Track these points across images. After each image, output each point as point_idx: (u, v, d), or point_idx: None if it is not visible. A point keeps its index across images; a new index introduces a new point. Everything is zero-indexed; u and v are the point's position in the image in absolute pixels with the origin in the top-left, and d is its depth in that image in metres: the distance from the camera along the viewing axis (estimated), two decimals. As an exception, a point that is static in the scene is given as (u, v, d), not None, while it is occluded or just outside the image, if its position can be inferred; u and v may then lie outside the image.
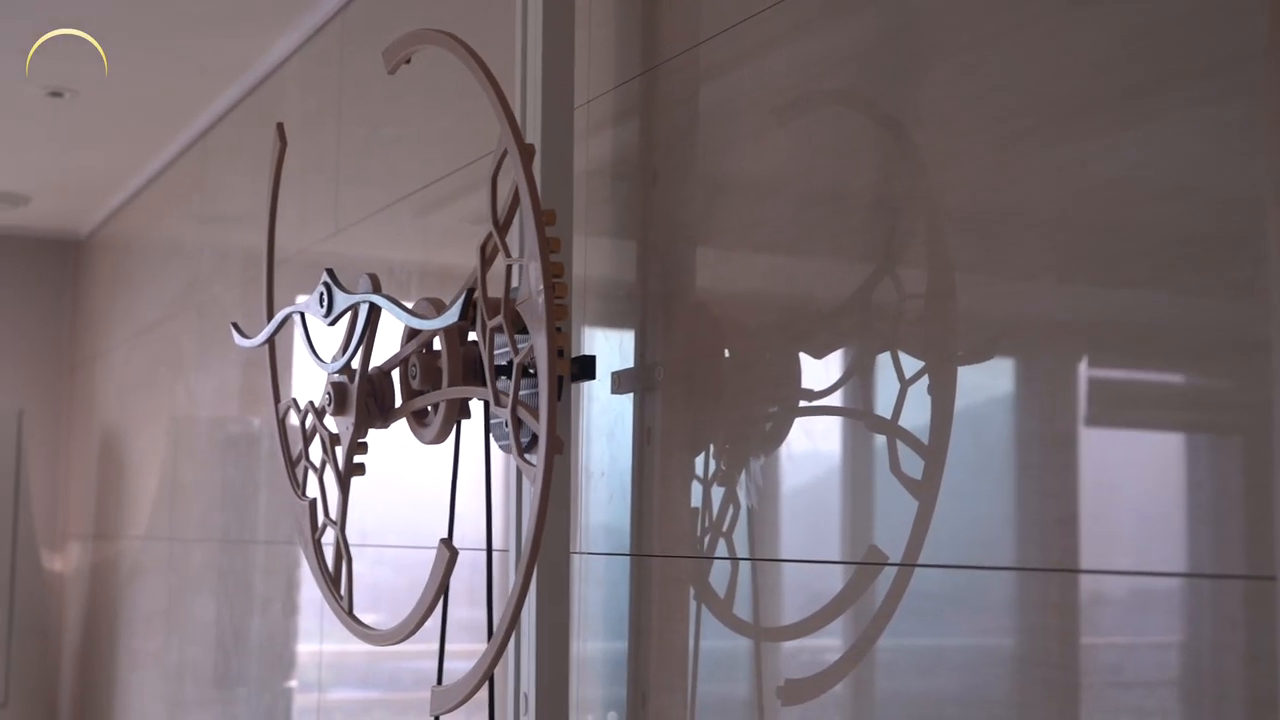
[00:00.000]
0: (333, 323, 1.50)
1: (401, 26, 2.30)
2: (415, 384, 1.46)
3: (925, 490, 1.17)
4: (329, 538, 1.56)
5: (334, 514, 1.54)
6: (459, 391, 1.42)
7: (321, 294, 1.51)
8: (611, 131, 1.64)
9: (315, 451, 1.59)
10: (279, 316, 1.62)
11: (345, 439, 1.51)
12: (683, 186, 1.51)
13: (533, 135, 1.53)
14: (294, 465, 1.63)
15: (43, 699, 4.39)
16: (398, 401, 1.51)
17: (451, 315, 1.33)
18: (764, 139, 1.39)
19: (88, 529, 4.33)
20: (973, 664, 1.13)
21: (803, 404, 1.32)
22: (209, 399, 3.24)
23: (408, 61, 1.40)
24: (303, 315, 1.57)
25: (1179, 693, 0.98)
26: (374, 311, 1.45)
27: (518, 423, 1.31)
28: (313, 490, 1.60)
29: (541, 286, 1.25)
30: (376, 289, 1.45)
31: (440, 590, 1.38)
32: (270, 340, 1.66)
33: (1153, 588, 0.99)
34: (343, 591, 1.53)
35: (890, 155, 1.24)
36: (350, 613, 1.52)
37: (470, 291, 1.32)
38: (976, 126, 1.14)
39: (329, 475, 1.56)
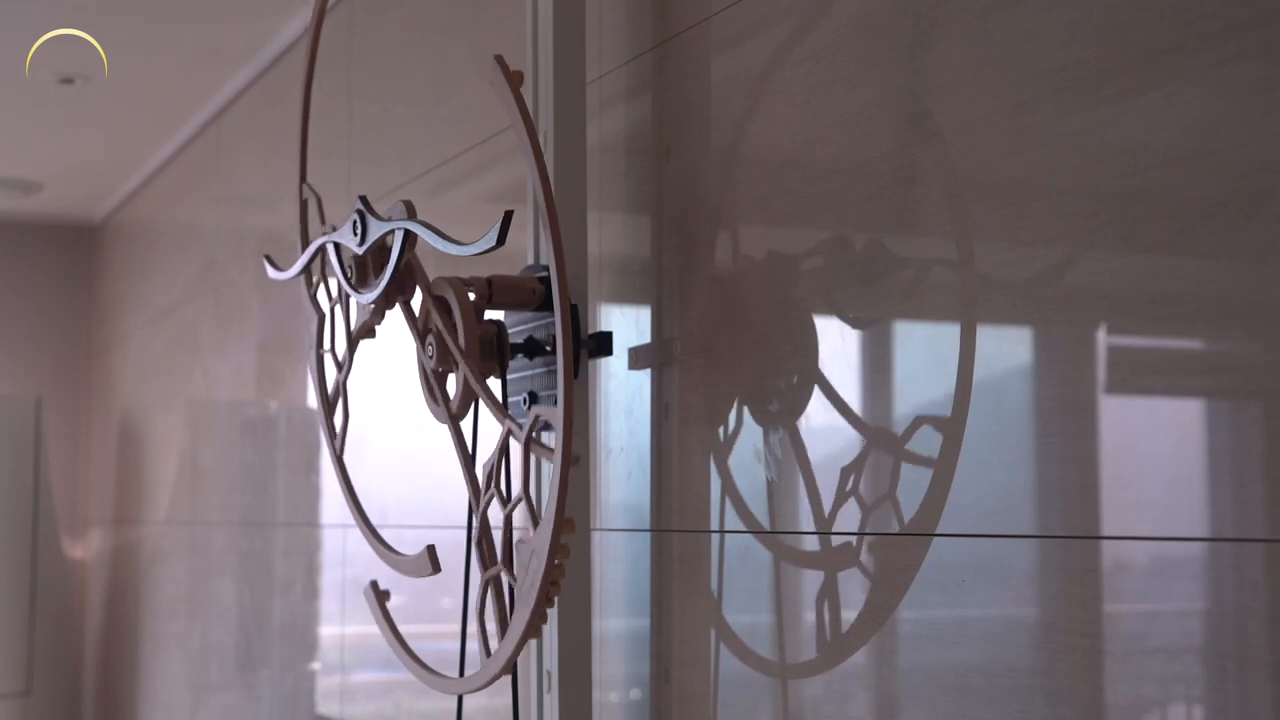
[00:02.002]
0: (366, 251, 1.46)
1: (413, 7, 2.30)
2: (431, 364, 1.46)
3: (945, 459, 1.17)
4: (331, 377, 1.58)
5: (340, 357, 1.56)
6: (483, 389, 1.42)
7: (355, 221, 1.46)
8: (624, 106, 1.63)
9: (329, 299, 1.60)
10: (312, 247, 1.57)
11: (362, 309, 1.50)
12: (696, 160, 1.50)
13: (545, 113, 1.53)
14: (311, 257, 1.61)
15: (66, 685, 4.40)
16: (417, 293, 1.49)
17: (489, 239, 1.28)
18: (777, 110, 1.39)
19: (108, 514, 4.35)
20: (995, 633, 1.13)
21: (820, 376, 1.32)
22: (227, 382, 3.25)
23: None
24: (336, 245, 1.53)
25: (1202, 657, 0.98)
26: (409, 239, 1.40)
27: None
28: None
29: (542, 575, 1.27)
30: (411, 216, 1.40)
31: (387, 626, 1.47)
32: (303, 209, 1.63)
33: (1174, 553, 0.99)
34: (338, 430, 1.56)
35: (905, 124, 1.23)
36: (340, 456, 1.55)
37: (509, 215, 1.28)
38: (992, 93, 1.14)
39: (340, 324, 1.56)
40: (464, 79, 2.09)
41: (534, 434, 1.31)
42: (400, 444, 2.19)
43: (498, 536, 1.37)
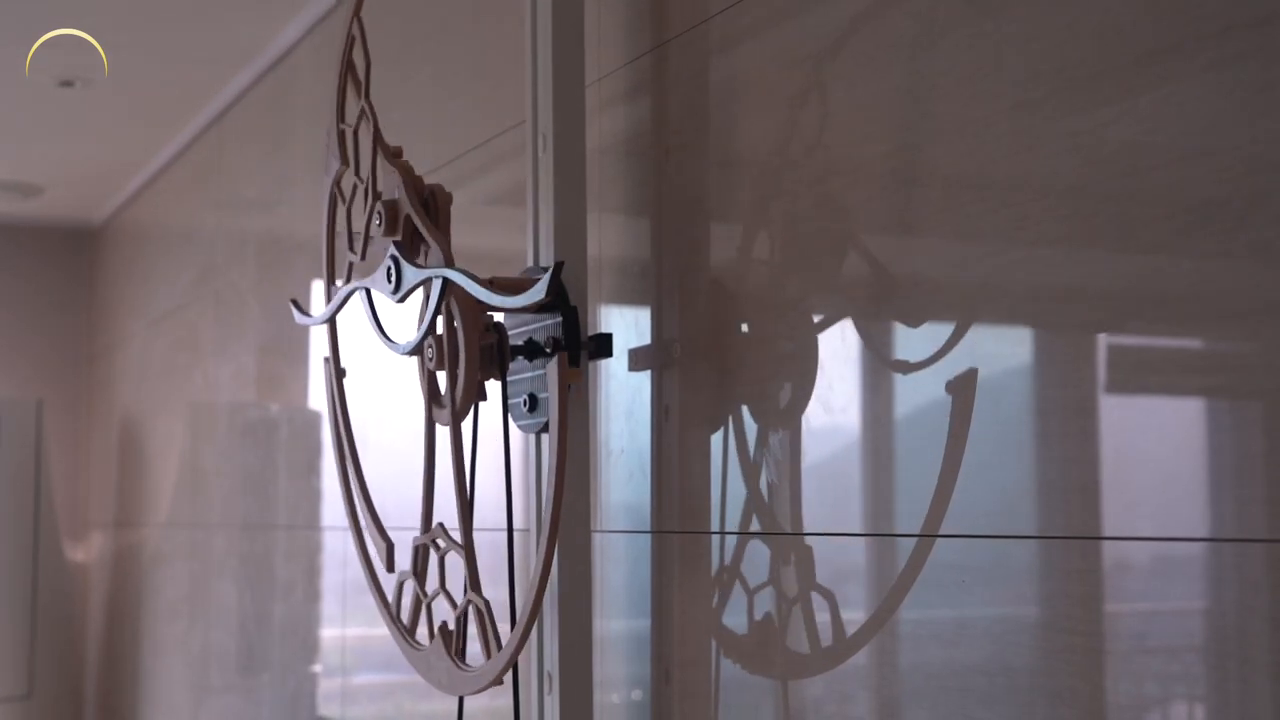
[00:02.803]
0: (402, 299, 1.44)
1: (410, 11, 2.30)
2: (431, 366, 1.46)
3: (946, 461, 1.17)
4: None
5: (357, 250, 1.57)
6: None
7: (389, 269, 1.44)
8: (623, 109, 1.63)
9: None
10: (342, 293, 1.56)
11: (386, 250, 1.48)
12: (696, 162, 1.50)
13: (544, 115, 1.52)
14: (340, 305, 1.62)
15: (68, 689, 4.40)
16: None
17: (538, 291, 1.26)
18: (776, 112, 1.39)
19: (109, 517, 4.34)
20: (996, 633, 1.13)
21: (820, 376, 1.32)
22: (227, 385, 3.25)
23: None
24: (368, 292, 1.50)
25: (1203, 657, 0.98)
26: (447, 285, 1.38)
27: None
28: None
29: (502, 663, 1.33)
30: (449, 262, 1.38)
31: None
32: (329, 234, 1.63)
33: (1175, 553, 0.99)
34: (337, 284, 1.59)
35: (904, 124, 1.23)
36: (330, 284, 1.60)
37: (560, 266, 1.26)
38: (991, 93, 1.14)
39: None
40: (463, 82, 2.09)
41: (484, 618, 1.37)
42: (402, 445, 2.19)
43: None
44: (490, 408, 1.48)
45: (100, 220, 4.59)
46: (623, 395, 1.60)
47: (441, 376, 1.45)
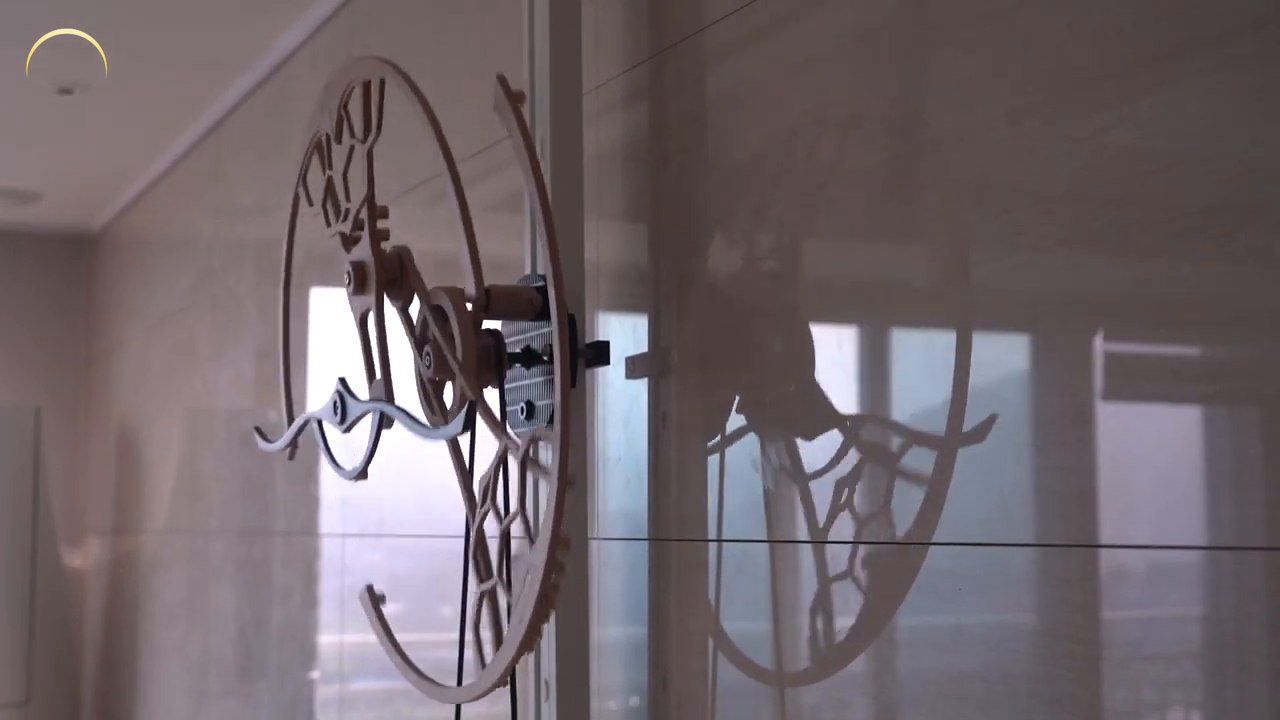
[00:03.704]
0: (347, 430, 1.55)
1: (409, 17, 2.30)
2: (429, 374, 1.46)
3: (942, 468, 1.16)
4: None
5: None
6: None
7: (335, 403, 1.56)
8: (621, 116, 1.63)
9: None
10: (298, 422, 1.66)
11: (359, 310, 1.52)
12: (693, 169, 1.50)
13: (541, 122, 1.52)
14: (297, 432, 1.68)
15: (66, 695, 4.40)
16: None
17: (455, 427, 1.37)
18: (773, 119, 1.39)
19: (107, 524, 4.34)
20: (993, 640, 1.13)
21: (817, 384, 1.32)
22: (225, 391, 3.25)
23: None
24: (319, 422, 1.62)
25: (1201, 664, 0.98)
26: (383, 419, 1.49)
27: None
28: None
29: (537, 592, 1.28)
30: (388, 396, 1.48)
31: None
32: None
33: (1173, 559, 0.99)
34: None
35: (902, 132, 1.23)
36: (288, 284, 1.73)
37: (473, 405, 1.35)
38: (988, 100, 1.14)
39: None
40: (461, 89, 2.09)
41: (531, 453, 1.31)
42: (398, 451, 2.19)
43: (494, 547, 1.37)
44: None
45: (98, 226, 4.59)
46: (620, 403, 1.60)
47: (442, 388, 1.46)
